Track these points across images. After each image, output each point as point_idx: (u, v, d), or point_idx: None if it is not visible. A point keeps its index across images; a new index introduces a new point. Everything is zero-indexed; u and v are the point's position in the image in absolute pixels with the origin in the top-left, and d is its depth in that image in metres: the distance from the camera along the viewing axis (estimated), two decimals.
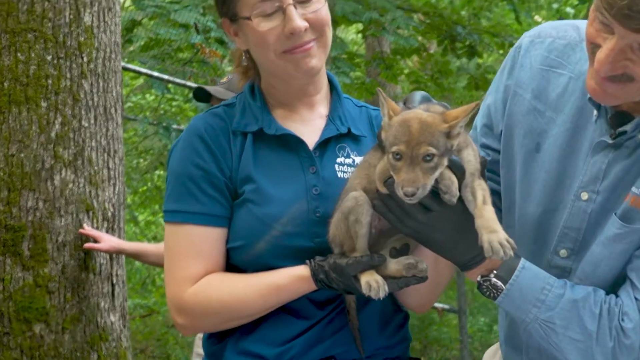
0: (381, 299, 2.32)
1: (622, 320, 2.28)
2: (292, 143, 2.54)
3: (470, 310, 11.60)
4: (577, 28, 2.51)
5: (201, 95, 5.07)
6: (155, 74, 7.71)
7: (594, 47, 2.18)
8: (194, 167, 2.49)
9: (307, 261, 2.41)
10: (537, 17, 13.71)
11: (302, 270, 2.41)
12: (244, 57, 2.62)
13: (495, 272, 2.32)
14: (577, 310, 2.30)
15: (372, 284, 2.30)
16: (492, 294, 2.35)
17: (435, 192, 2.19)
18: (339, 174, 2.54)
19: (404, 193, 2.13)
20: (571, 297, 2.32)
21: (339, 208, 2.38)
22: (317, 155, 2.54)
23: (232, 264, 2.52)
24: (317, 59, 2.50)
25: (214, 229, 2.49)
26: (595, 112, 2.37)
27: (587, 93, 2.36)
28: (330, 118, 2.61)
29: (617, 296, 2.33)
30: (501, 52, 11.35)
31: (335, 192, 2.47)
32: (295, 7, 2.43)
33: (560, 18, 11.06)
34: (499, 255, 2.14)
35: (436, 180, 2.17)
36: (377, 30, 9.75)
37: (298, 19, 2.42)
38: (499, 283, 2.32)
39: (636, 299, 2.29)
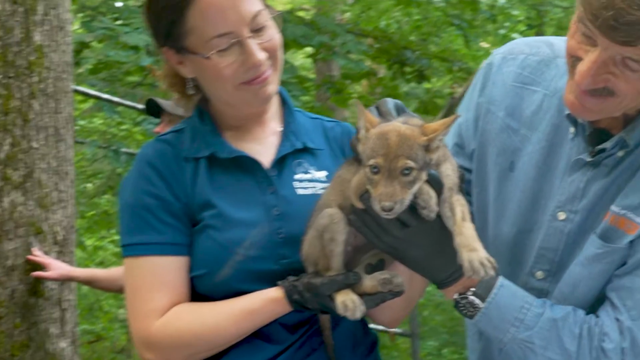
0: (358, 318, 2.25)
1: (603, 341, 2.24)
2: (247, 165, 2.46)
3: (419, 334, 11.56)
4: (551, 44, 2.49)
5: (152, 107, 4.94)
6: (105, 96, 7.59)
7: (574, 60, 2.14)
8: (148, 196, 2.41)
9: (280, 282, 2.34)
10: (483, 44, 13.81)
11: (275, 292, 2.33)
12: (189, 85, 2.51)
13: (473, 289, 2.27)
14: (557, 330, 2.25)
15: (348, 303, 2.23)
16: (469, 313, 2.28)
17: (412, 207, 2.13)
18: (299, 191, 2.47)
19: (381, 208, 2.05)
20: (550, 316, 2.27)
21: (312, 225, 2.31)
22: (274, 174, 2.47)
23: (198, 293, 2.43)
24: (274, 84, 2.43)
25: (176, 257, 2.40)
26: (572, 129, 2.34)
27: (563, 110, 2.34)
28: (285, 134, 2.54)
29: (596, 316, 2.29)
30: (449, 76, 11.42)
31: (296, 211, 2.41)
32: (253, 38, 2.35)
33: None
34: (479, 274, 2.08)
35: (414, 195, 2.10)
36: (327, 54, 9.73)
37: (258, 52, 2.34)
38: (477, 301, 2.26)
39: (617, 319, 2.25)
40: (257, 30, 2.35)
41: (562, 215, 2.35)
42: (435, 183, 2.14)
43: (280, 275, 2.36)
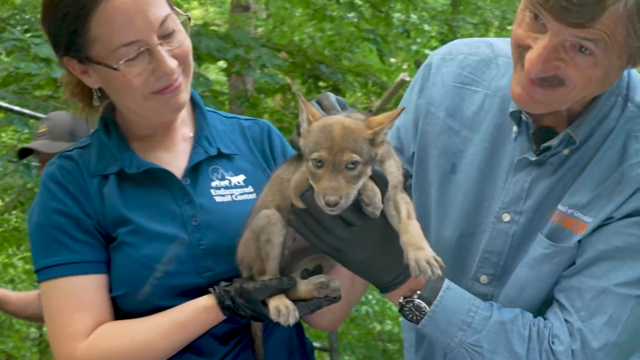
0: (291, 325, 2.16)
1: (553, 343, 2.20)
2: (158, 176, 2.35)
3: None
4: (491, 44, 2.45)
5: (26, 155, 4.64)
6: (16, 108, 7.39)
7: (522, 50, 2.10)
8: (57, 214, 2.28)
9: (212, 289, 2.24)
10: (393, 59, 13.87)
11: (206, 301, 2.23)
12: (95, 96, 2.38)
13: (419, 292, 2.20)
14: (505, 333, 2.21)
15: (281, 309, 2.14)
16: (415, 317, 2.22)
17: (356, 206, 2.03)
18: (217, 199, 2.37)
19: (325, 202, 1.95)
20: (499, 319, 2.22)
21: (248, 227, 2.21)
22: (188, 183, 2.36)
23: (123, 312, 2.31)
24: (186, 92, 2.32)
25: (94, 276, 2.28)
26: (515, 128, 2.30)
27: (505, 109, 2.30)
28: (197, 140, 2.42)
29: (545, 319, 2.25)
30: (364, 91, 11.43)
31: (216, 220, 2.32)
32: (162, 45, 2.23)
33: (418, 61, 11.22)
34: (426, 274, 1.99)
35: (358, 192, 2.01)
36: (242, 67, 9.66)
37: (169, 60, 2.23)
38: (423, 304, 2.20)
39: (566, 321, 2.21)
40: (166, 36, 2.24)
41: (506, 217, 2.31)
42: (380, 180, 2.05)
43: (204, 290, 2.26)
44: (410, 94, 2.51)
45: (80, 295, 2.26)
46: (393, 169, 2.11)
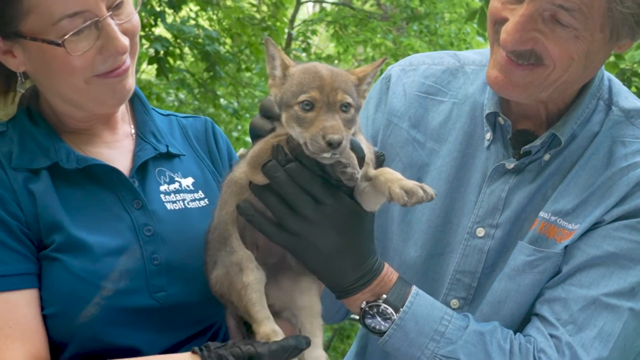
0: None
1: (540, 358, 1.98)
2: (102, 174, 1.96)
3: None
4: (455, 55, 2.32)
5: None
6: None
7: (498, 27, 1.98)
8: None
9: (196, 348, 1.83)
10: None
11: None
12: (19, 81, 2.00)
13: (384, 296, 1.95)
14: (484, 345, 1.97)
15: None
16: (378, 327, 1.96)
17: (326, 182, 1.80)
18: (168, 206, 2.02)
19: (327, 142, 1.68)
20: (477, 329, 1.99)
21: (212, 252, 1.92)
22: (136, 185, 2.00)
23: (50, 338, 1.87)
24: (132, 77, 1.98)
25: (24, 292, 1.84)
26: (488, 135, 2.15)
27: (476, 117, 2.17)
28: (141, 135, 2.08)
29: (525, 335, 2.04)
30: None
31: (170, 230, 1.97)
32: (113, 19, 1.88)
33: None
34: (418, 194, 1.72)
35: (331, 166, 1.75)
36: None
37: (122, 36, 1.89)
38: (389, 310, 1.94)
39: (551, 335, 2.00)
40: (114, 7, 1.89)
41: (481, 232, 2.12)
42: (357, 149, 1.79)
43: (156, 314, 1.89)
44: (366, 110, 2.32)
45: (8, 315, 1.81)
46: (363, 146, 1.85)
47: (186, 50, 8.73)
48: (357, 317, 2.06)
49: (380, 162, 1.91)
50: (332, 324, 2.55)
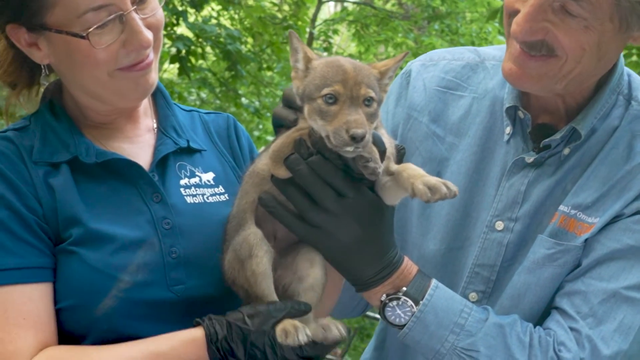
0: (302, 344, 1.84)
1: (559, 351, 1.98)
2: (122, 168, 1.99)
3: None
4: (475, 50, 2.32)
5: None
6: None
7: (512, 19, 1.98)
8: None
9: (199, 319, 1.88)
10: None
11: (192, 334, 1.87)
12: (44, 74, 2.03)
13: (404, 289, 1.96)
14: (504, 337, 1.98)
15: (288, 329, 1.84)
16: (398, 319, 1.98)
17: (348, 175, 1.81)
18: (188, 199, 2.04)
19: (351, 136, 1.70)
20: (497, 321, 2.00)
21: (230, 241, 1.94)
22: (156, 179, 2.02)
23: (65, 331, 1.90)
24: (155, 72, 2.00)
25: (38, 285, 1.87)
26: (508, 129, 2.15)
27: (496, 112, 2.17)
28: (163, 130, 2.10)
29: (545, 328, 2.04)
30: None
31: (189, 224, 1.99)
32: (137, 12, 1.91)
33: None
34: (441, 191, 1.74)
35: (353, 159, 1.77)
36: None
37: (146, 30, 1.91)
38: (410, 302, 1.96)
39: (571, 328, 2.01)
40: (139, 1, 1.91)
41: (500, 225, 2.13)
42: (379, 143, 1.80)
43: (174, 307, 1.92)
44: (386, 104, 2.33)
45: (22, 307, 1.85)
46: (385, 139, 1.86)
47: (208, 49, 8.75)
48: (377, 315, 2.07)
49: (400, 155, 1.91)
50: (351, 317, 2.57)
